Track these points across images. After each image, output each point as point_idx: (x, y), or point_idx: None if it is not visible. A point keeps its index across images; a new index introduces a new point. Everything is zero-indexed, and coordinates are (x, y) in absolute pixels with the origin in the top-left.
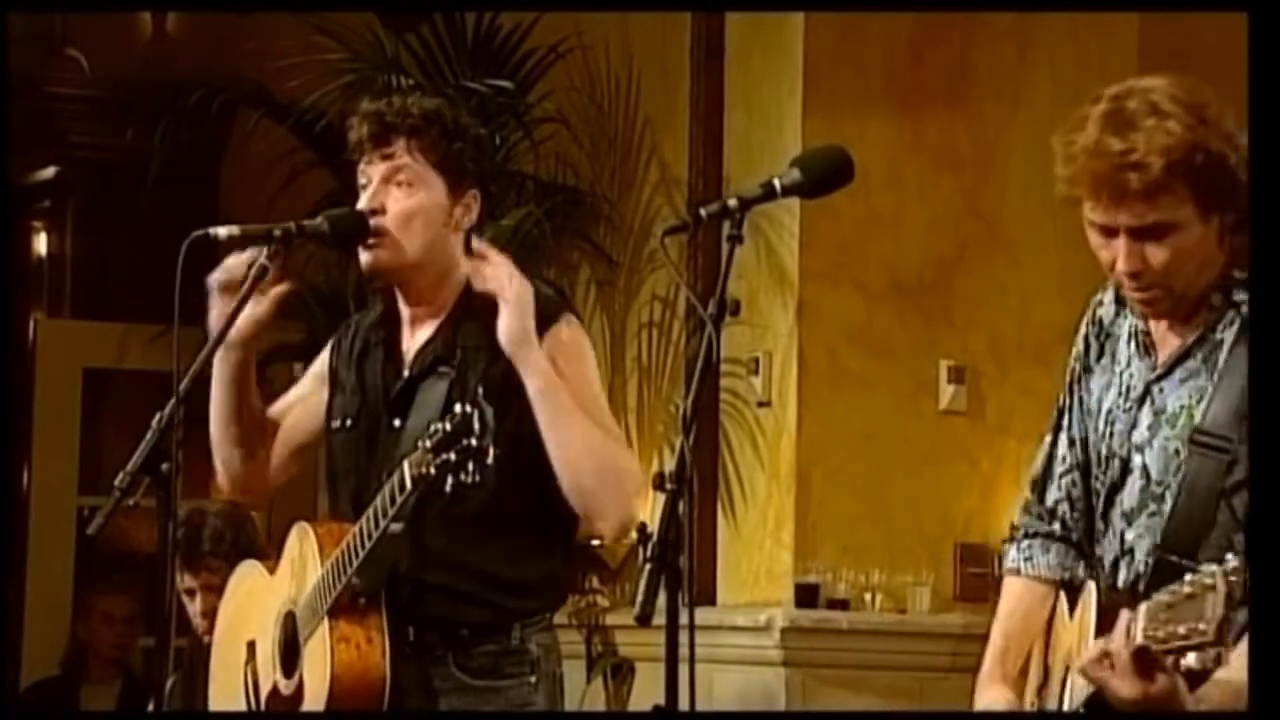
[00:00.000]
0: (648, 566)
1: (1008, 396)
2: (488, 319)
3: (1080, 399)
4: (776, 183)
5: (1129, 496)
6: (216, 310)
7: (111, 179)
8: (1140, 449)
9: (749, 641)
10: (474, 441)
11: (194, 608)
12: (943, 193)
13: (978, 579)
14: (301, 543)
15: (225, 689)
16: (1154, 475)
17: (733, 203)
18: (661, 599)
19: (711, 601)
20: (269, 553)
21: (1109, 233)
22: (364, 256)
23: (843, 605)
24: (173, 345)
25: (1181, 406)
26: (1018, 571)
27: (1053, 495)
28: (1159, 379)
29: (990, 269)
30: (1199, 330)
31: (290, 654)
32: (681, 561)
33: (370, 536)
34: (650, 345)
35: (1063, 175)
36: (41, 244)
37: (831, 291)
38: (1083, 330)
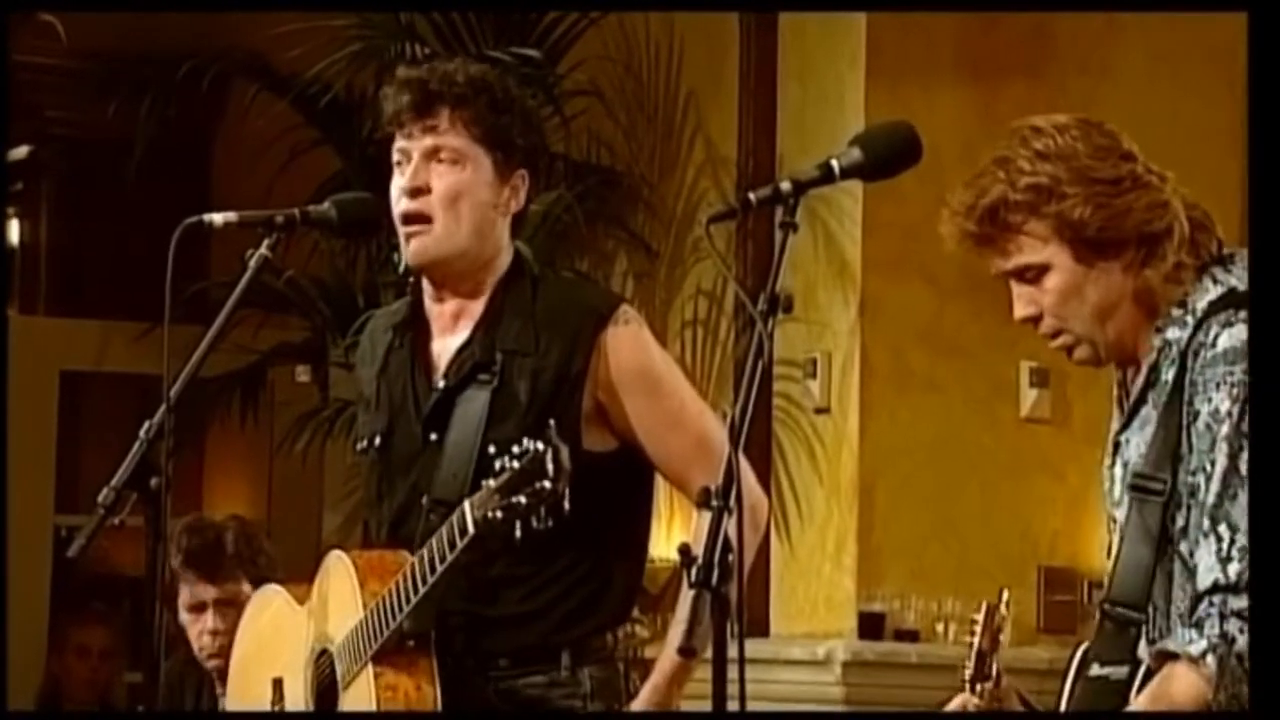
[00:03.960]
0: (692, 593)
1: (1097, 402)
2: (527, 316)
3: (1112, 474)
4: (835, 163)
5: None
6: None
7: (91, 160)
8: (1118, 506)
9: (806, 677)
10: (547, 484)
11: (202, 624)
12: None
13: (1064, 607)
14: (338, 574)
15: None
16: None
17: (786, 186)
18: (707, 628)
19: (764, 633)
20: (279, 576)
21: (1005, 282)
22: (410, 245)
23: (911, 637)
24: (162, 345)
25: (1141, 455)
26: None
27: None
28: (1121, 430)
29: None
30: (1146, 374)
31: (325, 698)
32: (730, 588)
33: (425, 581)
34: (694, 345)
35: (943, 235)
36: (13, 232)
37: (897, 285)
38: (1111, 395)
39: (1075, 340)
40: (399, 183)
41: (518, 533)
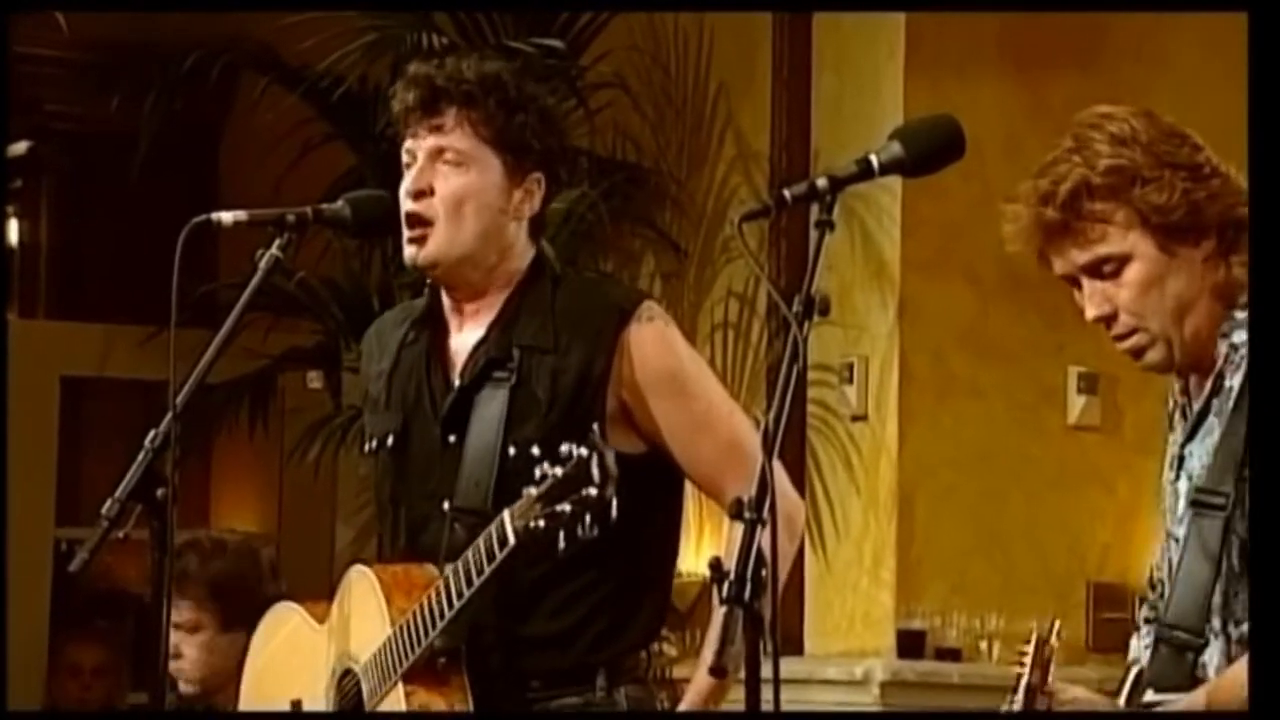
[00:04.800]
0: (723, 610)
1: (1149, 409)
2: (546, 314)
3: (1175, 489)
4: (874, 159)
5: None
6: None
7: (93, 156)
8: (1181, 522)
9: (843, 698)
10: (593, 491)
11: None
12: None
13: (1114, 625)
14: (362, 590)
15: None
16: None
17: (822, 182)
18: (740, 647)
19: (798, 651)
20: (277, 590)
21: (1073, 283)
22: (407, 249)
23: (953, 655)
24: (168, 350)
25: (1204, 468)
26: (1139, 661)
27: (1154, 581)
28: (1185, 442)
29: None
30: (1213, 381)
31: None
32: (764, 604)
33: (460, 595)
34: (725, 349)
35: (1007, 235)
36: (12, 232)
37: (938, 285)
38: (1166, 406)
39: (1150, 340)
40: (404, 184)
41: (561, 544)
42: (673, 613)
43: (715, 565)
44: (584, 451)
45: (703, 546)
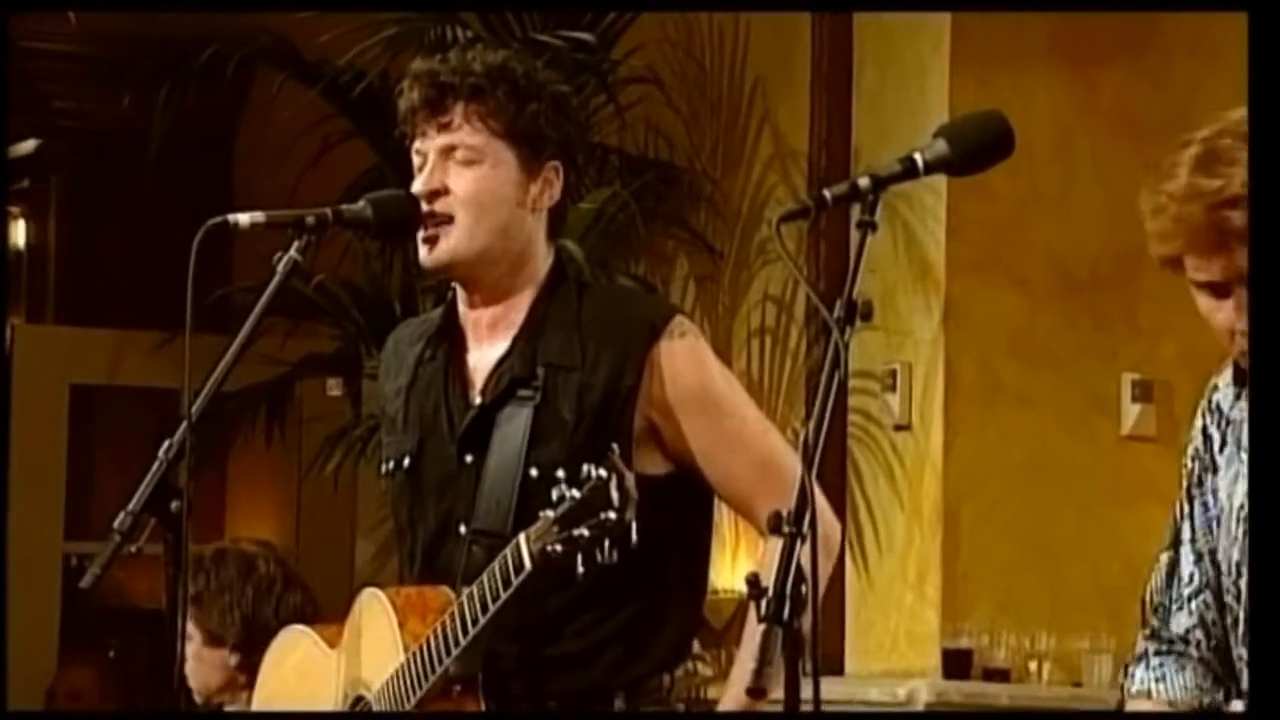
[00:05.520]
0: (761, 628)
1: None
2: (572, 327)
3: (1204, 504)
4: (919, 157)
5: None
6: None
7: (104, 154)
8: (1223, 539)
9: None
10: (612, 515)
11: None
12: (1123, 167)
13: None
14: (373, 614)
15: None
16: None
17: (865, 182)
18: (779, 667)
19: (839, 671)
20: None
21: (1219, 291)
22: (422, 250)
23: (1002, 676)
24: (182, 357)
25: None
26: (1149, 695)
27: (1183, 623)
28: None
29: None
30: None
31: None
32: (803, 621)
33: (475, 621)
34: (762, 356)
35: (1154, 230)
36: (19, 233)
37: (985, 289)
38: (1199, 423)
39: None
40: (415, 186)
41: (580, 569)
42: (708, 631)
43: (753, 581)
44: (603, 473)
45: (739, 562)
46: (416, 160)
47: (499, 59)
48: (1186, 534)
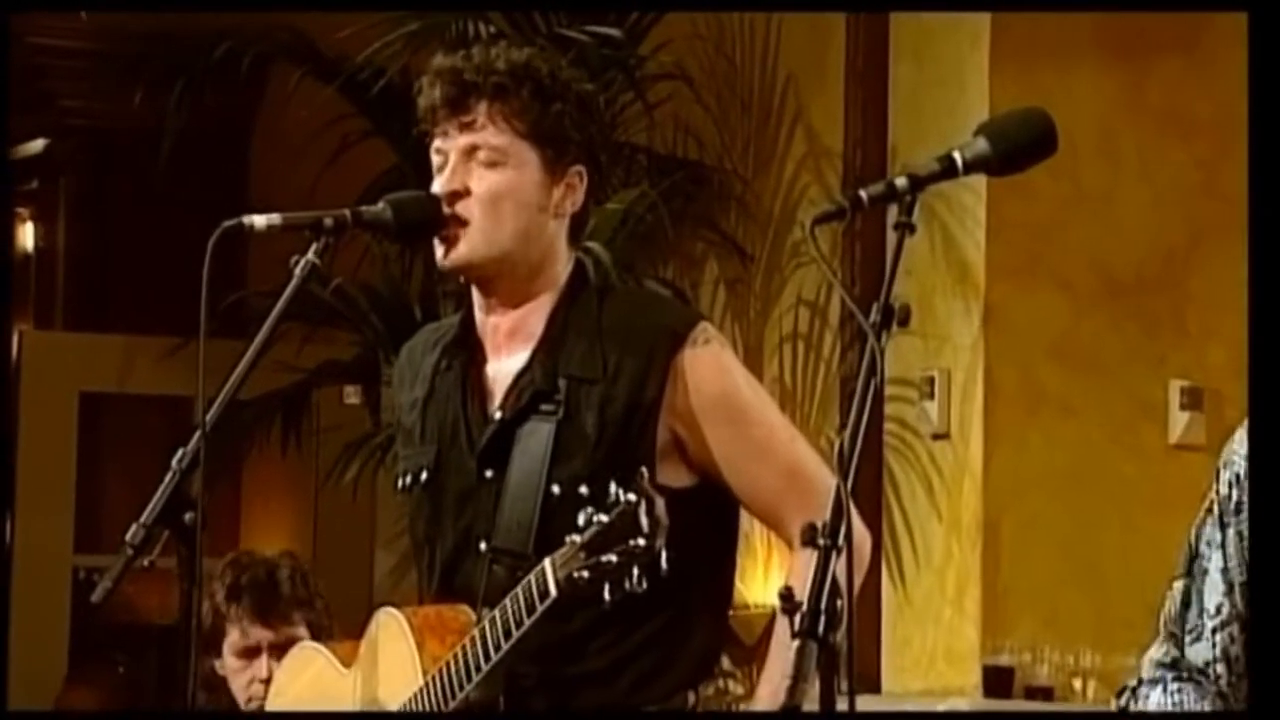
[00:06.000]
0: (795, 644)
1: None
2: (593, 336)
3: (1239, 533)
4: (958, 156)
5: None
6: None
7: (114, 154)
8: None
9: None
10: (641, 541)
11: (254, 671)
12: (1171, 166)
13: None
14: (391, 634)
15: None
16: None
17: (902, 182)
18: (813, 685)
19: (875, 689)
20: (331, 622)
21: None
22: (440, 251)
23: (1045, 694)
24: (195, 363)
25: None
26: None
27: (1202, 654)
28: None
29: (1233, 262)
30: None
31: None
32: (839, 637)
33: (498, 648)
34: (795, 362)
35: None
36: (27, 236)
37: (1026, 292)
38: (1242, 445)
39: None
40: (435, 186)
41: (607, 596)
42: (738, 648)
43: (786, 595)
44: (632, 497)
45: (770, 576)
46: (436, 160)
47: (523, 57)
48: (1217, 562)
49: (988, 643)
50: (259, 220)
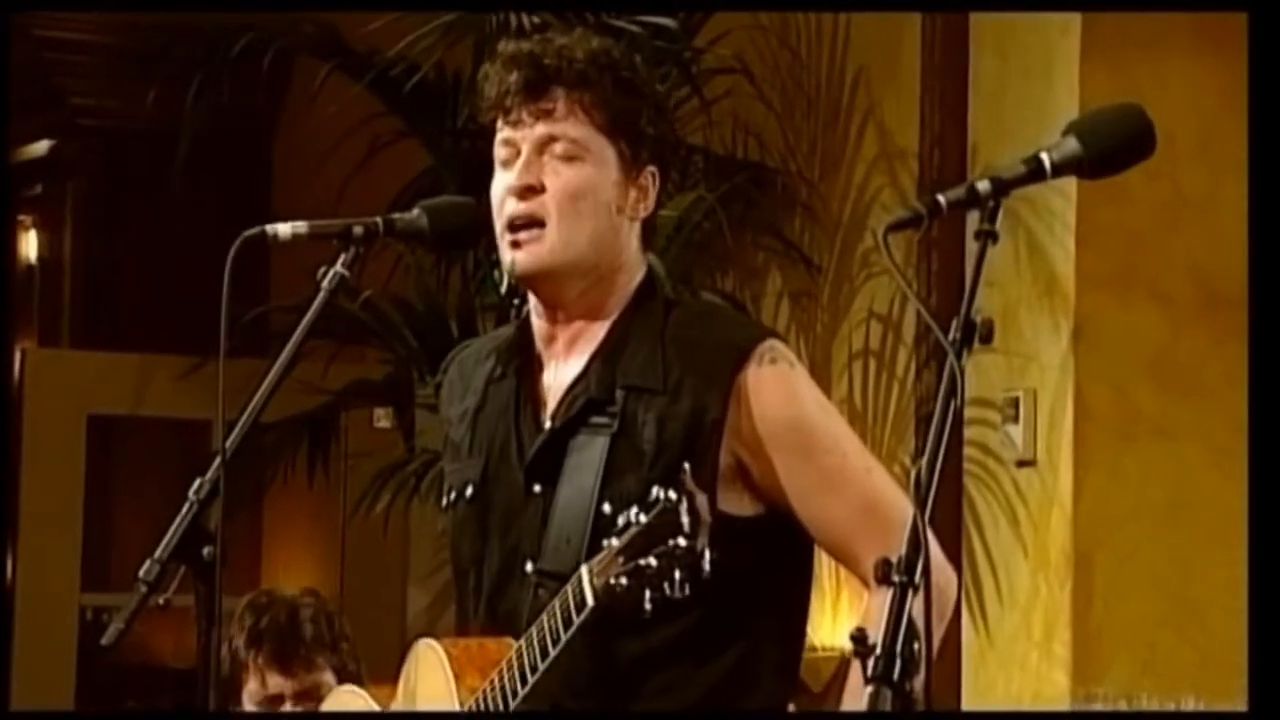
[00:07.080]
0: (868, 690)
1: None
2: (654, 346)
3: None
4: (1046, 157)
5: None
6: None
7: (126, 157)
8: None
9: None
10: (682, 542)
11: None
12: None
13: None
14: (429, 666)
15: None
16: None
17: (984, 186)
18: None
19: None
20: (359, 666)
21: None
22: (516, 255)
23: None
24: (214, 384)
25: None
26: None
27: None
28: None
29: None
30: None
31: None
32: (915, 683)
33: (535, 669)
34: (865, 382)
35: None
36: (30, 246)
37: (1120, 306)
38: None
39: None
40: (505, 180)
41: (647, 604)
42: (805, 694)
43: (859, 638)
44: (673, 495)
45: (840, 616)
46: (504, 152)
47: (603, 45)
48: None
49: (1079, 689)
50: (283, 229)
